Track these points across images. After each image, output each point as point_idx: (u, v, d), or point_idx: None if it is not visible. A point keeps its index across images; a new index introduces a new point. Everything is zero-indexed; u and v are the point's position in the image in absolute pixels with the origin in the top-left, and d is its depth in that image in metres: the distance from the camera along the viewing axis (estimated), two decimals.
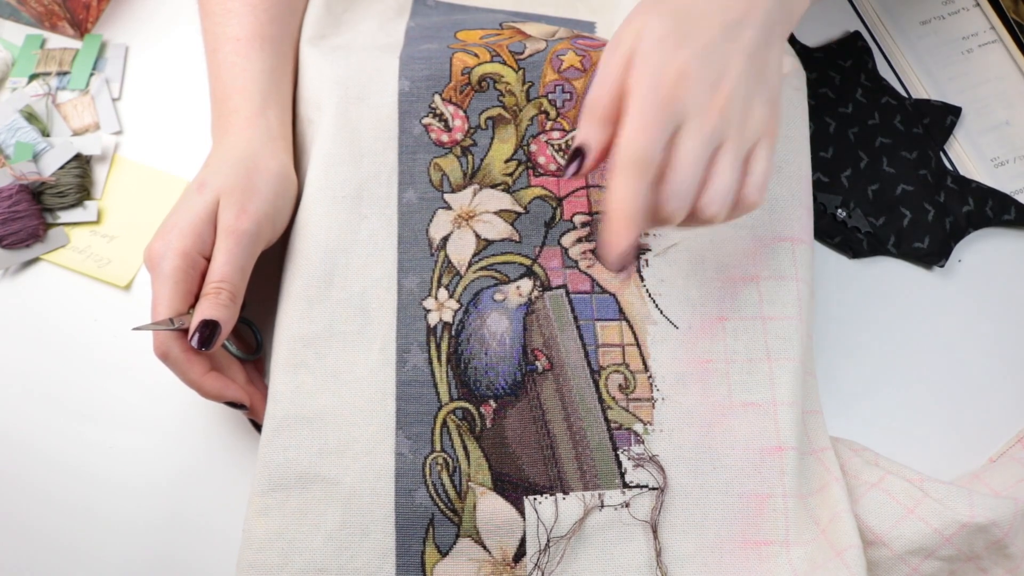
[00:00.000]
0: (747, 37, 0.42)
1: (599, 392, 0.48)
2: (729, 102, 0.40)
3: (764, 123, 0.42)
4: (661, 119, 0.40)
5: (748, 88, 0.41)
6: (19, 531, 0.51)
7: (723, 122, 0.40)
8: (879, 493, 0.48)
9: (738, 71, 0.41)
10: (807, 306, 0.51)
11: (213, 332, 0.45)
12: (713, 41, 0.41)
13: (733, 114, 0.41)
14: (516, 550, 0.46)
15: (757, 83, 0.42)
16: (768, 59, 0.42)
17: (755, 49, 0.42)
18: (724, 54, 0.41)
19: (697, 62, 0.40)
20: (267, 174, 0.49)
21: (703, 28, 0.41)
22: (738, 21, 0.42)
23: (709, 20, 0.42)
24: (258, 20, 0.53)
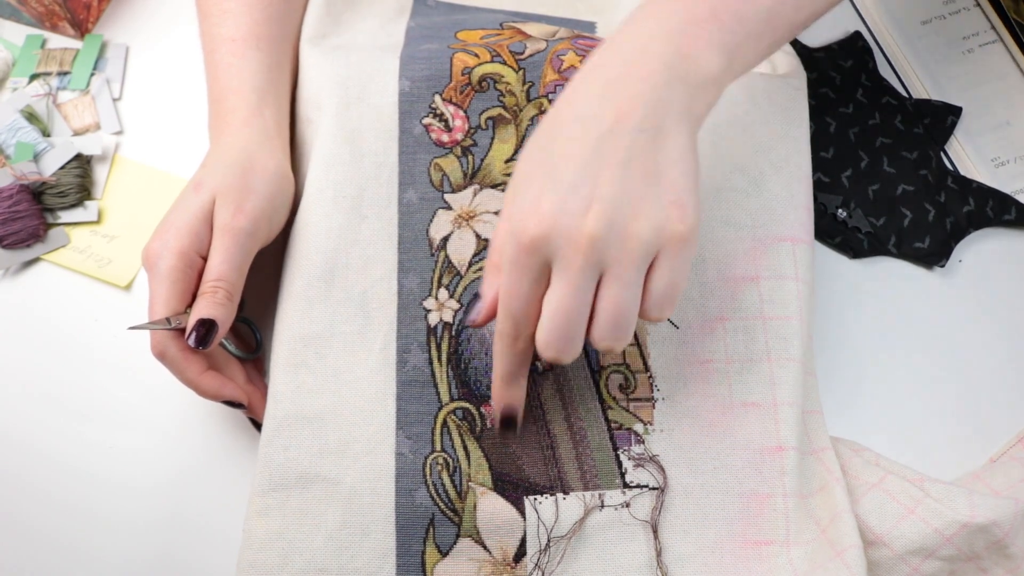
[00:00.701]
0: (620, 145, 0.38)
1: (599, 392, 0.48)
2: (599, 229, 0.37)
3: (662, 232, 0.38)
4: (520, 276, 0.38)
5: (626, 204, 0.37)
6: (19, 531, 0.51)
7: (593, 253, 0.37)
8: (879, 493, 0.48)
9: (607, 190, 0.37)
10: (807, 306, 0.51)
11: (210, 331, 0.45)
12: (577, 166, 0.38)
13: (608, 241, 0.37)
14: (516, 550, 0.46)
15: (645, 188, 0.38)
16: (659, 159, 0.38)
17: (631, 155, 0.38)
18: (589, 177, 0.38)
19: (556, 197, 0.38)
20: (264, 173, 0.49)
21: (567, 152, 0.39)
22: (609, 130, 0.38)
23: (576, 140, 0.39)
24: (254, 20, 0.53)
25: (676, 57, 0.40)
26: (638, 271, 0.38)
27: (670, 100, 0.39)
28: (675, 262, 0.39)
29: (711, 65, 0.40)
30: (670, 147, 0.39)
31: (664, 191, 0.38)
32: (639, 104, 0.39)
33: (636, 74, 0.39)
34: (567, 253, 0.38)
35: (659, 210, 0.38)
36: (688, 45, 0.40)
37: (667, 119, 0.39)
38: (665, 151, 0.39)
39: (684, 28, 0.40)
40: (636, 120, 0.38)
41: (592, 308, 0.39)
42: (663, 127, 0.39)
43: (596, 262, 0.38)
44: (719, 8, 0.41)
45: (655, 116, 0.39)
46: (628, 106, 0.39)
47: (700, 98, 0.40)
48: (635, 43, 0.41)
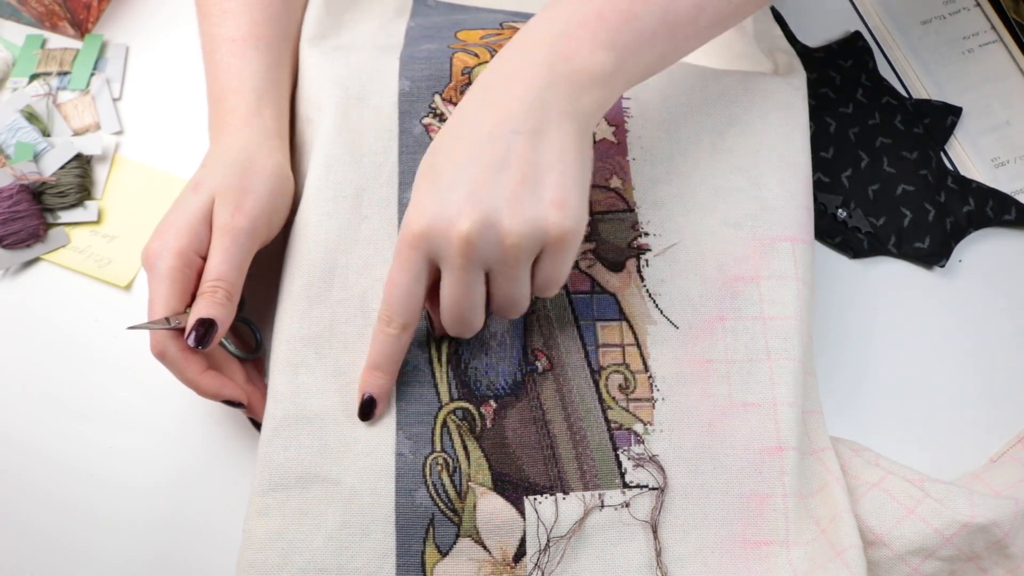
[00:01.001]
0: (497, 148, 0.40)
1: (599, 392, 0.48)
2: (473, 228, 0.39)
3: (540, 231, 0.39)
4: (403, 270, 0.41)
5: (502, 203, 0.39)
6: (19, 531, 0.51)
7: (472, 251, 0.39)
8: (879, 493, 0.48)
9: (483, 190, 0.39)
10: (807, 306, 0.51)
11: (209, 331, 0.45)
12: (456, 168, 0.40)
13: (483, 238, 0.39)
14: (516, 550, 0.46)
15: (521, 189, 0.39)
16: (538, 160, 0.40)
17: (508, 157, 0.39)
18: (467, 178, 0.39)
19: (437, 198, 0.40)
20: (263, 173, 0.49)
21: (450, 157, 0.41)
22: (488, 134, 0.40)
23: (459, 145, 0.41)
24: (254, 20, 0.53)
25: (558, 59, 0.41)
26: (520, 268, 0.41)
27: (551, 100, 0.40)
28: (557, 258, 0.41)
29: (596, 64, 0.41)
30: (550, 147, 0.40)
31: (544, 191, 0.40)
32: (517, 106, 0.40)
33: (517, 78, 0.41)
34: (448, 253, 0.40)
35: (537, 210, 0.39)
36: (570, 47, 0.41)
37: (547, 120, 0.40)
38: (545, 151, 0.40)
39: (568, 30, 0.42)
40: (514, 123, 0.40)
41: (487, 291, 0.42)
42: (542, 128, 0.40)
43: (477, 260, 0.40)
44: (605, 9, 0.42)
45: (534, 117, 0.40)
46: (507, 109, 0.40)
47: (587, 96, 0.41)
48: (521, 50, 0.42)
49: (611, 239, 0.51)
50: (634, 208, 0.52)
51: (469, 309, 0.43)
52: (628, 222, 0.52)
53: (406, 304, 0.43)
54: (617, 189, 0.52)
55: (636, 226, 0.52)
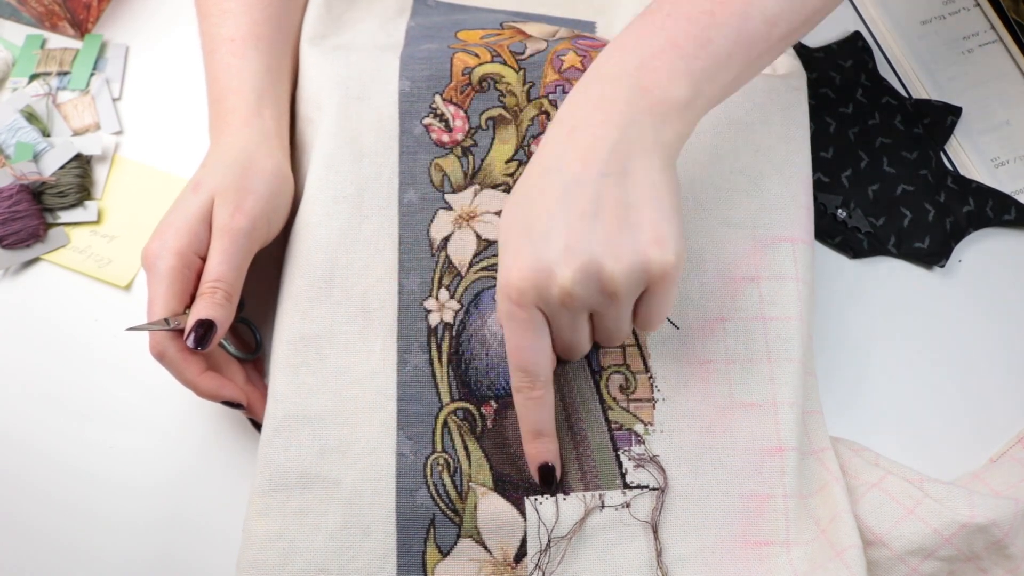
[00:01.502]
0: (587, 193, 0.39)
1: (600, 392, 0.48)
2: (575, 279, 0.39)
3: (644, 271, 0.39)
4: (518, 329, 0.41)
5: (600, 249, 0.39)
6: (19, 531, 0.51)
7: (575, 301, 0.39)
8: (879, 493, 0.48)
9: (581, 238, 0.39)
10: (807, 306, 0.51)
11: (208, 331, 0.45)
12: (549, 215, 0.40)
13: (586, 287, 0.39)
14: (517, 550, 0.46)
15: (620, 233, 0.39)
16: (629, 200, 0.39)
17: (600, 202, 0.39)
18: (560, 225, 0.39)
19: (531, 252, 0.39)
20: (263, 173, 0.49)
21: (540, 205, 0.40)
22: (575, 179, 0.40)
23: (546, 193, 0.40)
24: (253, 20, 0.53)
25: (636, 93, 0.41)
26: (624, 308, 0.41)
27: (634, 137, 0.40)
28: (661, 292, 0.40)
29: (675, 94, 0.41)
30: (639, 185, 0.39)
31: (640, 231, 0.39)
32: (601, 148, 0.40)
33: (597, 119, 0.40)
34: (552, 306, 0.40)
35: (637, 252, 0.39)
36: (647, 79, 0.41)
37: (632, 157, 0.40)
38: (634, 191, 0.39)
39: (643, 63, 0.41)
40: (600, 165, 0.39)
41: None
42: (628, 167, 0.40)
43: (581, 308, 0.40)
44: (678, 37, 0.42)
45: (619, 157, 0.40)
46: (591, 152, 0.40)
47: (669, 127, 0.41)
48: (598, 85, 0.42)
49: None
50: None
51: (577, 347, 0.43)
52: None
53: (540, 363, 0.42)
54: None
55: None
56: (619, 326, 0.42)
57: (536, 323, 0.41)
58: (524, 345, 0.41)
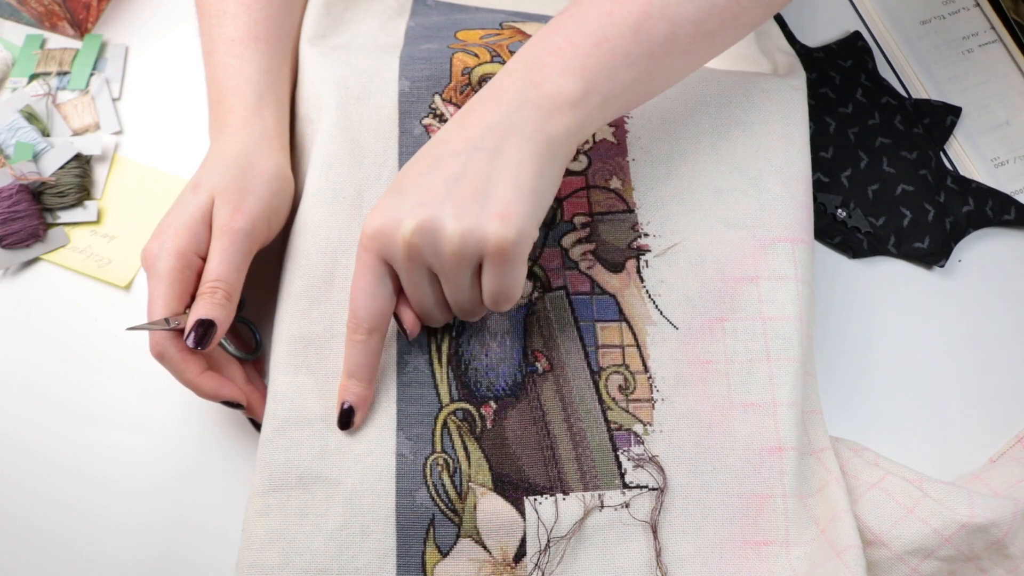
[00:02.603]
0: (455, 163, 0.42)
1: (599, 393, 0.48)
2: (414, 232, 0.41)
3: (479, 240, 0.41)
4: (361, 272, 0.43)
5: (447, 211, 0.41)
6: (19, 531, 0.51)
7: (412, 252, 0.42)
8: (879, 493, 0.48)
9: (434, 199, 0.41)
10: (807, 306, 0.51)
11: (208, 332, 0.45)
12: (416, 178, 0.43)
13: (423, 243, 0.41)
14: (516, 550, 0.46)
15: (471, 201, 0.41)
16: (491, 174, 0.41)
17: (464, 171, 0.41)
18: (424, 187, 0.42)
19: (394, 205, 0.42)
20: (263, 174, 0.49)
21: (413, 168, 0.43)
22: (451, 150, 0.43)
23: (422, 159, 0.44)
24: (253, 20, 0.53)
25: (528, 85, 0.43)
26: (460, 274, 0.42)
27: (517, 122, 0.42)
28: (498, 270, 0.41)
29: (564, 89, 0.43)
30: (506, 164, 0.41)
31: (490, 203, 0.41)
32: (482, 126, 0.42)
33: (490, 103, 0.43)
34: (397, 258, 0.42)
35: (478, 219, 0.40)
36: (540, 74, 0.43)
37: (509, 139, 0.42)
38: (499, 167, 0.41)
39: (538, 59, 0.44)
40: (476, 140, 0.42)
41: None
42: (503, 147, 0.42)
43: (420, 261, 0.42)
44: (577, 36, 0.44)
45: (496, 136, 0.42)
46: (473, 130, 0.43)
47: (555, 120, 0.43)
48: (498, 79, 0.45)
49: (611, 240, 0.51)
50: (634, 209, 0.52)
51: (426, 309, 0.45)
52: (628, 223, 0.52)
53: (369, 308, 0.44)
54: (617, 190, 0.52)
55: (636, 227, 0.52)
56: (459, 295, 0.43)
57: (377, 271, 0.43)
58: (359, 287, 0.44)
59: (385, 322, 0.45)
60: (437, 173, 0.42)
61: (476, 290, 0.44)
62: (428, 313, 0.46)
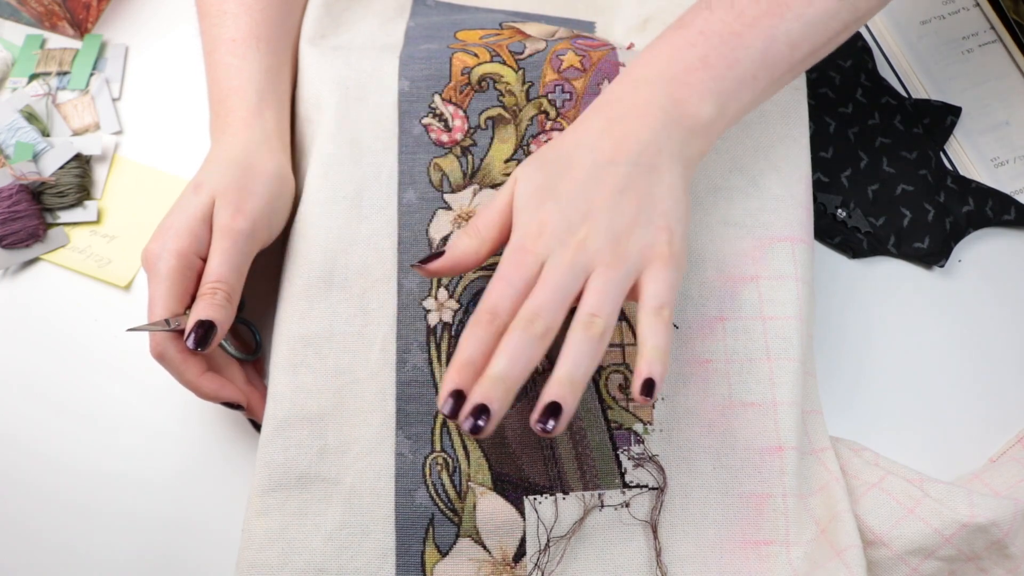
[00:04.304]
0: (616, 174, 0.42)
1: (599, 392, 0.48)
2: (590, 237, 0.41)
3: (651, 248, 0.41)
4: (516, 271, 0.41)
5: (619, 220, 0.41)
6: (19, 531, 0.51)
7: (583, 254, 0.41)
8: (879, 493, 0.48)
9: (603, 208, 0.42)
10: (807, 306, 0.51)
11: (209, 333, 0.45)
12: (577, 187, 0.42)
13: (596, 245, 0.41)
14: (516, 550, 0.46)
15: (637, 213, 0.42)
16: (652, 189, 0.42)
17: (627, 184, 0.42)
18: (587, 196, 0.42)
19: (557, 211, 0.42)
20: (263, 175, 0.49)
21: (569, 177, 0.43)
22: (608, 161, 0.43)
23: (577, 167, 0.43)
24: (254, 21, 0.53)
25: (671, 102, 0.44)
26: (621, 273, 0.41)
27: (664, 142, 0.43)
28: (661, 276, 0.41)
29: (703, 112, 0.44)
30: (662, 182, 0.43)
31: (655, 217, 0.42)
32: (636, 141, 0.43)
33: (635, 115, 0.44)
34: (560, 252, 0.41)
35: (648, 232, 0.42)
36: (679, 91, 0.44)
37: (661, 158, 0.43)
38: (658, 185, 0.43)
39: (675, 76, 0.45)
40: (633, 155, 0.43)
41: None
42: (657, 164, 0.43)
43: (583, 262, 0.41)
44: (709, 55, 0.45)
45: (650, 155, 0.43)
46: (624, 143, 0.43)
47: (693, 144, 0.44)
48: (637, 86, 0.45)
49: None
50: None
51: (562, 296, 0.40)
52: None
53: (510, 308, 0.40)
54: None
55: None
56: (608, 287, 0.41)
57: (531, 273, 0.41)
58: (512, 282, 0.41)
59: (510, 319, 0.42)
60: (600, 183, 0.42)
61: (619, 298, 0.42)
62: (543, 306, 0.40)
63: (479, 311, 0.41)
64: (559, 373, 0.39)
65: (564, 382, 0.39)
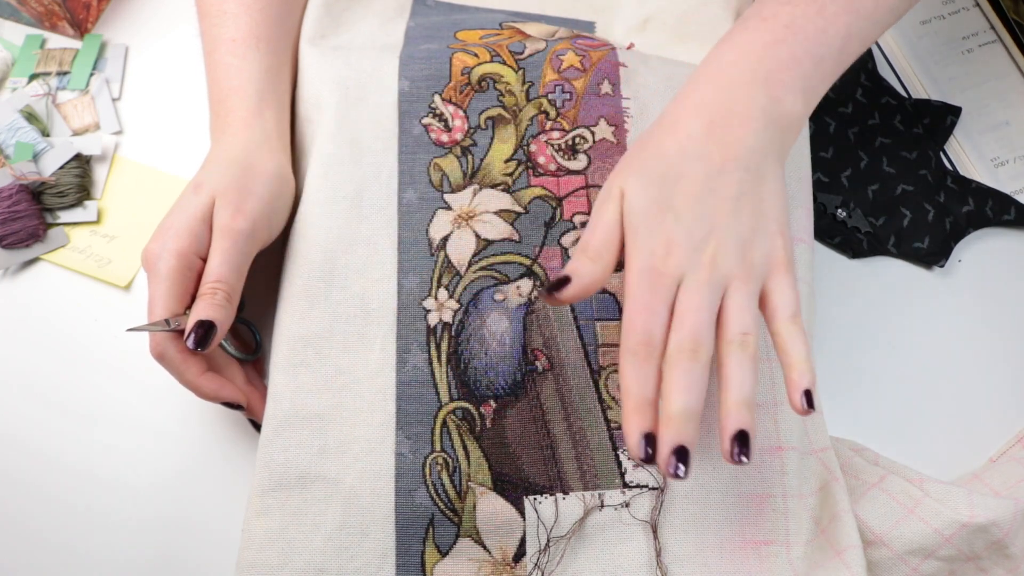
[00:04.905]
0: (730, 182, 0.42)
1: (599, 392, 0.48)
2: (720, 252, 0.41)
3: (771, 255, 0.42)
4: (656, 295, 0.41)
5: (741, 230, 0.42)
6: (19, 531, 0.51)
7: (717, 271, 0.41)
8: (879, 493, 0.48)
9: (725, 220, 0.42)
10: (807, 306, 0.51)
11: (209, 333, 0.45)
12: (694, 200, 0.42)
13: (728, 260, 0.41)
14: (516, 550, 0.46)
15: (755, 220, 0.42)
16: (763, 194, 0.43)
17: (741, 191, 0.42)
18: (709, 208, 0.42)
19: (682, 227, 0.41)
20: (263, 175, 0.49)
21: (683, 188, 0.42)
22: (718, 169, 0.42)
23: (689, 178, 0.42)
24: (254, 21, 0.53)
25: (770, 102, 0.44)
26: (754, 285, 0.42)
27: (766, 142, 0.43)
28: (784, 279, 0.42)
29: (797, 109, 0.45)
30: (769, 186, 0.43)
31: (769, 223, 0.43)
32: (743, 147, 0.43)
33: (738, 119, 0.43)
34: (695, 272, 0.41)
35: (768, 239, 0.42)
36: (776, 89, 0.44)
37: (765, 161, 0.43)
38: (766, 189, 0.43)
39: (770, 74, 0.44)
40: (742, 161, 0.43)
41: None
42: (763, 168, 0.43)
43: (719, 279, 0.41)
44: (798, 52, 0.45)
45: (757, 158, 0.43)
46: (734, 148, 0.43)
47: (788, 140, 0.45)
48: (733, 87, 0.44)
49: None
50: None
51: (708, 318, 0.41)
52: None
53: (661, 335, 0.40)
54: None
55: None
56: (747, 306, 0.41)
57: (669, 298, 0.41)
58: (656, 311, 0.40)
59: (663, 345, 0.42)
60: (715, 195, 0.42)
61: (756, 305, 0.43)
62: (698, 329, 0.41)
63: (632, 344, 0.40)
64: (733, 399, 0.40)
65: (742, 407, 0.40)
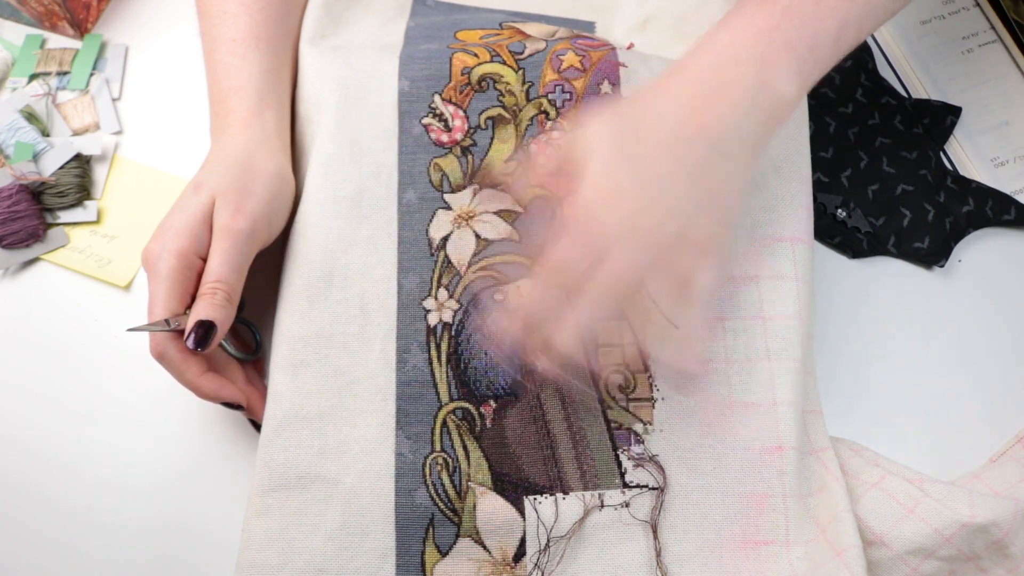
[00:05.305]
0: (695, 154, 0.42)
1: (599, 392, 0.48)
2: (664, 225, 0.41)
3: (706, 243, 0.42)
4: (587, 241, 0.41)
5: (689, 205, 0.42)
6: (19, 531, 0.51)
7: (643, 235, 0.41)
8: (879, 493, 0.48)
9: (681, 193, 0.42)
10: (807, 306, 0.51)
11: (209, 333, 0.45)
12: (654, 156, 0.42)
13: (667, 230, 0.41)
14: (516, 550, 0.46)
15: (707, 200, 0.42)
16: (723, 176, 0.43)
17: (703, 166, 0.42)
18: (663, 170, 0.42)
19: (631, 176, 0.42)
20: (263, 175, 0.49)
21: (646, 142, 0.43)
22: (688, 137, 0.43)
23: (655, 135, 0.43)
24: (254, 21, 0.53)
25: (758, 85, 0.44)
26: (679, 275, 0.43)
27: (746, 125, 0.44)
28: (709, 273, 0.43)
29: (788, 93, 0.45)
30: (733, 171, 0.44)
31: (717, 208, 0.43)
32: (719, 123, 0.43)
33: (722, 93, 0.44)
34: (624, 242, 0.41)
35: (708, 224, 0.42)
36: (768, 72, 0.44)
37: (738, 145, 0.44)
38: (729, 172, 0.43)
39: (763, 57, 0.44)
40: (714, 136, 0.43)
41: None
42: (733, 151, 0.43)
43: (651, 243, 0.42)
44: (793, 37, 0.45)
45: (730, 139, 0.43)
46: (711, 125, 0.43)
47: (770, 125, 0.45)
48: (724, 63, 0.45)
49: None
50: None
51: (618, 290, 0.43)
52: None
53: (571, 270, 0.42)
54: None
55: None
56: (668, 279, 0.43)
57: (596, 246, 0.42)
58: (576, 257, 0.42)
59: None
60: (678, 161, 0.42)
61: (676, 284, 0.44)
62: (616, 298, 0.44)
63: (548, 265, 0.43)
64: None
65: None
